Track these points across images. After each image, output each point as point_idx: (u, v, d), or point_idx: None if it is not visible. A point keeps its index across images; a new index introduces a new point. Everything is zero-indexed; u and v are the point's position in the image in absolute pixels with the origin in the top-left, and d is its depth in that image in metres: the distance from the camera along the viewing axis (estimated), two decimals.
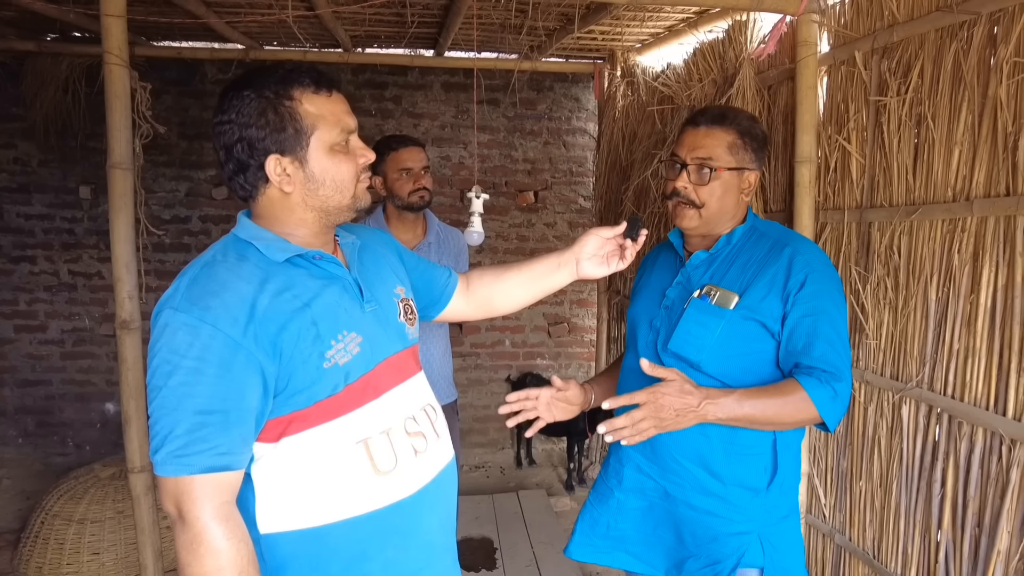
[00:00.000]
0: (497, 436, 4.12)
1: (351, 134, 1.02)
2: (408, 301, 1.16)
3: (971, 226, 1.51)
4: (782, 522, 1.30)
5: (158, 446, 0.90)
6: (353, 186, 1.02)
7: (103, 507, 2.66)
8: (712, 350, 1.24)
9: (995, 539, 1.44)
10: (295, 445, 0.97)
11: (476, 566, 2.72)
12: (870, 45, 1.80)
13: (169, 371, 0.89)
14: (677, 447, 1.29)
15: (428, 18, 2.87)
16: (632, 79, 3.25)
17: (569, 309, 4.15)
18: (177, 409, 0.89)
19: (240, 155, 0.97)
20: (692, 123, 1.32)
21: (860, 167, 1.87)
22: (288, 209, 1.00)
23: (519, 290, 1.30)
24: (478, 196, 1.83)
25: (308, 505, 0.97)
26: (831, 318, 1.20)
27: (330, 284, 1.02)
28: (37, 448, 3.83)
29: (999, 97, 1.43)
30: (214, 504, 0.90)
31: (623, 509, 1.40)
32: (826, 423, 1.18)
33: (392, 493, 1.01)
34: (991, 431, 1.46)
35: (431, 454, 1.07)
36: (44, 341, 3.80)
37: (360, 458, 0.99)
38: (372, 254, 1.15)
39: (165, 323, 0.91)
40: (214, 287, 0.93)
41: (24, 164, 3.70)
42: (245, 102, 0.96)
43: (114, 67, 1.73)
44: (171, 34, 3.25)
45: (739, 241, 1.32)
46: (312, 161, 0.98)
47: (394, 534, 1.01)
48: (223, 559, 0.89)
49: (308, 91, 0.97)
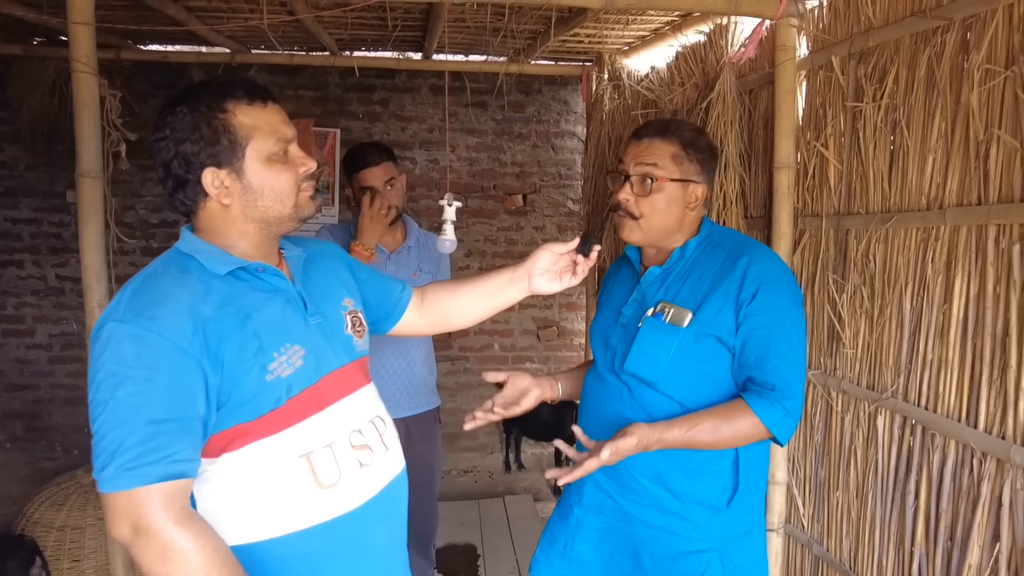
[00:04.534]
0: (486, 440, 4.10)
1: (289, 143, 1.02)
2: (357, 313, 1.15)
3: (944, 235, 1.49)
4: (743, 539, 1.28)
5: (105, 462, 0.87)
6: (294, 195, 1.01)
7: (84, 513, 2.65)
8: (668, 370, 1.22)
9: (967, 553, 1.41)
10: (236, 461, 0.96)
11: (458, 573, 2.70)
12: (847, 50, 1.77)
13: (116, 383, 0.88)
14: (635, 465, 1.27)
15: (411, 21, 2.86)
16: (618, 82, 3.23)
17: (558, 312, 4.14)
18: (128, 421, 0.88)
19: (178, 171, 0.98)
20: (636, 135, 1.31)
21: (838, 173, 1.85)
22: (229, 221, 1.00)
23: (473, 305, 1.29)
24: (450, 203, 1.82)
25: (250, 520, 0.97)
26: (784, 330, 1.18)
27: (273, 297, 1.02)
28: (25, 453, 3.83)
29: (971, 104, 1.41)
30: (174, 509, 0.88)
31: (581, 528, 1.38)
32: (778, 440, 1.17)
33: (336, 507, 1.01)
34: (963, 443, 1.44)
35: (378, 467, 1.07)
36: (32, 345, 3.79)
37: (302, 472, 0.98)
38: (319, 267, 1.14)
39: (109, 336, 0.90)
40: (158, 297, 0.93)
41: (11, 168, 3.70)
42: (179, 117, 0.97)
43: (82, 75, 1.71)
44: (158, 38, 3.25)
45: (693, 254, 1.30)
46: (249, 172, 0.98)
47: (339, 547, 1.01)
48: (200, 558, 0.87)
49: (241, 103, 0.98)
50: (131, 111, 3.48)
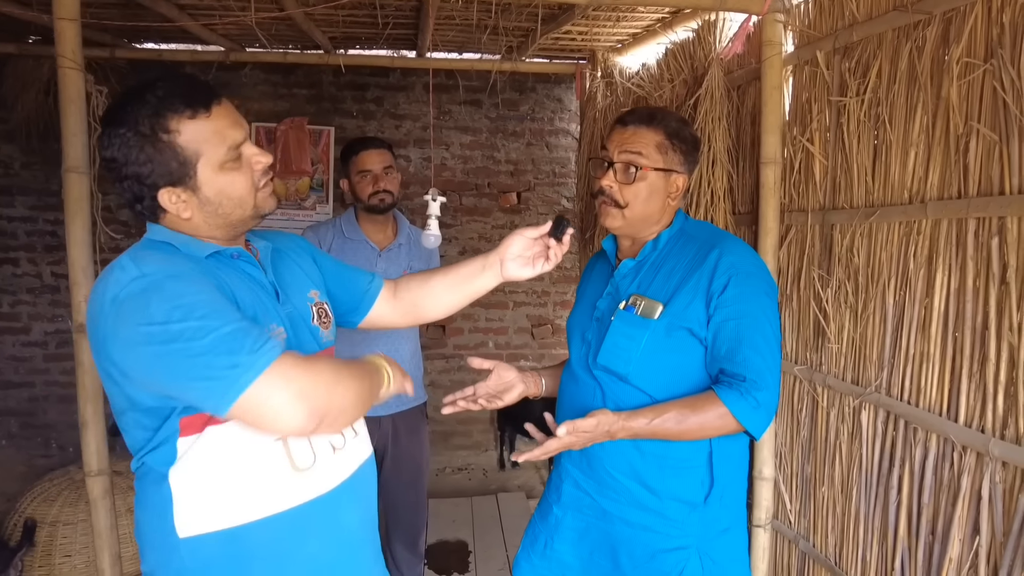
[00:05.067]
0: (480, 439, 4.11)
1: (241, 145, 1.00)
2: (322, 305, 1.17)
3: (926, 229, 1.49)
4: (722, 536, 1.27)
5: (232, 362, 0.84)
6: (252, 197, 1.01)
7: (76, 509, 2.66)
8: (639, 362, 1.22)
9: (947, 546, 1.41)
10: (217, 437, 0.97)
11: (449, 570, 2.71)
12: (831, 45, 1.77)
13: (184, 314, 0.86)
14: (611, 462, 1.27)
15: (402, 19, 2.86)
16: (611, 80, 3.23)
17: (553, 311, 4.14)
18: (220, 327, 0.86)
19: (133, 189, 0.97)
20: (621, 122, 1.31)
21: (823, 168, 1.85)
22: (192, 229, 1.01)
23: (445, 294, 1.27)
24: (435, 199, 1.82)
25: (227, 505, 0.97)
26: (756, 322, 1.18)
27: (250, 284, 1.04)
28: (20, 450, 3.84)
29: (951, 98, 1.41)
30: (300, 357, 0.91)
31: (560, 527, 1.37)
32: (750, 433, 1.16)
33: (310, 489, 1.02)
34: (944, 437, 1.44)
35: (348, 451, 1.09)
36: (27, 343, 3.80)
37: (279, 455, 1.00)
38: (285, 259, 1.16)
39: (143, 288, 0.88)
40: (161, 258, 0.94)
41: (7, 166, 3.71)
42: (124, 140, 0.94)
43: (68, 71, 1.72)
44: (152, 37, 3.25)
45: (665, 246, 1.30)
46: (204, 186, 0.97)
47: (314, 529, 1.03)
48: (347, 369, 0.96)
49: (183, 118, 0.94)
50: None
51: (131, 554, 2.65)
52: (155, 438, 0.96)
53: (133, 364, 0.90)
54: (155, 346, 0.86)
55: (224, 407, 0.86)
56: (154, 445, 0.97)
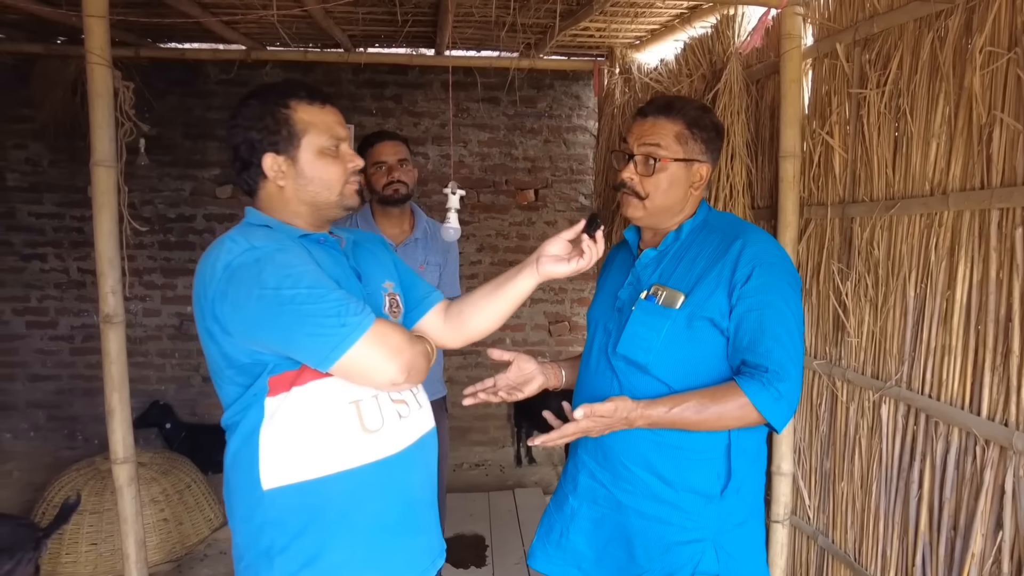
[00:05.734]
0: (498, 435, 4.12)
1: (341, 142, 1.16)
2: (395, 296, 1.26)
3: (947, 220, 1.48)
4: (738, 529, 1.27)
5: (340, 322, 1.00)
6: (340, 186, 1.15)
7: (101, 499, 2.72)
8: (659, 352, 1.22)
9: (969, 542, 1.40)
10: (301, 397, 1.08)
11: (466, 563, 2.72)
12: (852, 37, 1.76)
13: (293, 282, 1.01)
14: (626, 453, 1.27)
15: (420, 16, 2.88)
16: (629, 76, 3.22)
17: (570, 308, 4.14)
18: (327, 296, 1.02)
19: (244, 154, 1.13)
20: (640, 113, 1.30)
21: (843, 161, 1.83)
22: (283, 202, 1.15)
23: (486, 302, 1.27)
24: (454, 192, 1.83)
25: (305, 459, 1.08)
26: (779, 312, 1.17)
27: (336, 264, 1.15)
28: (47, 441, 3.93)
29: (974, 88, 1.39)
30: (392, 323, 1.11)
31: (576, 517, 1.38)
32: (772, 425, 1.15)
33: (378, 450, 1.12)
34: (966, 431, 1.42)
35: (413, 420, 1.18)
36: (54, 337, 3.89)
37: (351, 416, 1.10)
38: (364, 250, 1.27)
39: (256, 259, 1.02)
40: (265, 235, 1.09)
41: (35, 164, 3.79)
42: (250, 109, 1.13)
43: (96, 67, 1.76)
44: (175, 36, 3.31)
45: (688, 237, 1.30)
46: (302, 160, 1.13)
47: (379, 487, 1.12)
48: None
49: (303, 102, 1.13)
50: (150, 107, 3.57)
51: (155, 543, 2.71)
52: (246, 395, 1.09)
53: (240, 322, 1.03)
54: (269, 306, 1.00)
55: (331, 361, 1.01)
56: (246, 403, 1.09)
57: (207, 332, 1.08)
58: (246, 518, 1.12)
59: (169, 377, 3.95)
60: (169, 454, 3.16)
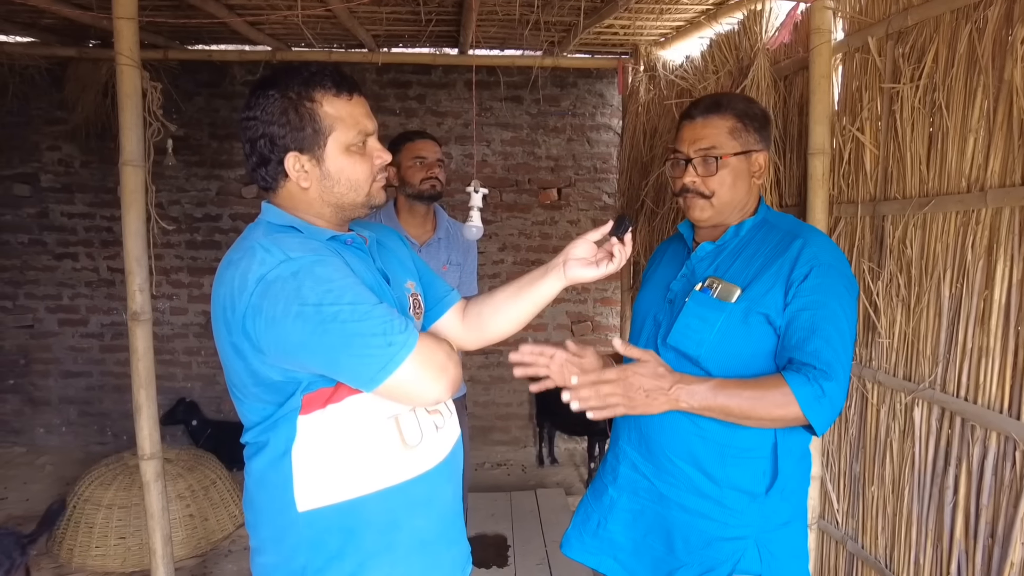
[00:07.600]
0: (519, 434, 4.11)
1: (369, 136, 1.06)
2: (417, 296, 1.20)
3: (985, 218, 1.43)
4: (781, 529, 1.24)
5: (388, 341, 0.93)
6: (368, 185, 1.07)
7: (130, 494, 2.77)
8: (711, 345, 1.20)
9: (1008, 550, 1.35)
10: (337, 413, 1.01)
11: (488, 563, 2.71)
12: (884, 30, 1.72)
13: (336, 297, 0.93)
14: (671, 446, 1.25)
15: (444, 16, 2.89)
16: (654, 73, 3.19)
17: (592, 307, 4.11)
18: (372, 312, 0.94)
19: (262, 150, 1.03)
20: (688, 116, 1.29)
21: (874, 158, 1.79)
22: (306, 203, 1.06)
23: (508, 304, 1.20)
24: (477, 190, 1.83)
25: (344, 479, 1.02)
26: (832, 314, 1.14)
27: (366, 268, 1.08)
28: (78, 437, 4.01)
29: (1015, 80, 1.34)
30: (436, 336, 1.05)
31: (615, 508, 1.36)
32: (812, 424, 1.11)
33: (418, 465, 1.07)
34: (1005, 436, 1.37)
35: (447, 430, 1.13)
36: (85, 334, 3.97)
37: (391, 432, 1.04)
38: (385, 249, 1.20)
39: (294, 271, 0.93)
40: (300, 243, 0.99)
41: (67, 165, 3.88)
42: (270, 101, 1.01)
43: (125, 68, 1.79)
44: (202, 38, 3.36)
45: (748, 233, 1.28)
46: (329, 160, 1.03)
47: (419, 504, 1.07)
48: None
49: (329, 94, 1.01)
50: (177, 108, 3.62)
51: (181, 538, 2.74)
52: (276, 413, 1.01)
53: (276, 341, 0.95)
54: (310, 325, 0.92)
55: (377, 382, 0.94)
56: (274, 421, 1.01)
57: (233, 348, 0.99)
58: (277, 539, 1.06)
59: (195, 375, 4.01)
60: (195, 451, 3.21)
